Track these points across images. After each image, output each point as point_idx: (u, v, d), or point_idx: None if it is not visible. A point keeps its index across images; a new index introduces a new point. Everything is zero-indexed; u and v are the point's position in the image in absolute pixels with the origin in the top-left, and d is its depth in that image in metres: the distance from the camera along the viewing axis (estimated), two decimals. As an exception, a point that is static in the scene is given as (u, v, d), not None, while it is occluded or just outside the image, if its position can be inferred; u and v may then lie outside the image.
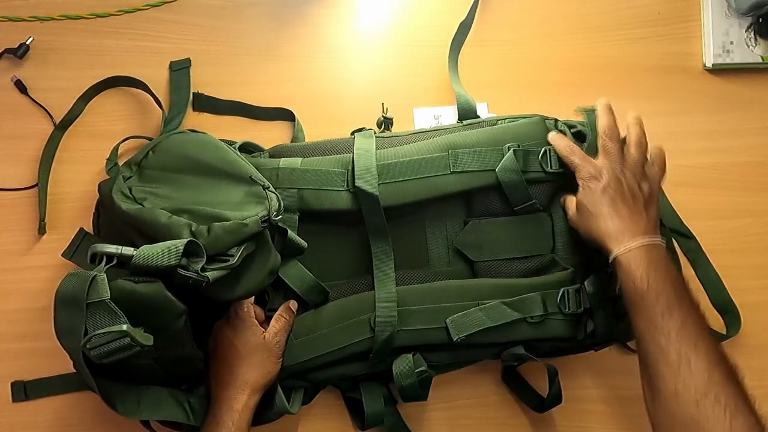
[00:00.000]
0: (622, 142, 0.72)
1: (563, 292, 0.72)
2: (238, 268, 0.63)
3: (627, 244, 0.66)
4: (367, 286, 0.74)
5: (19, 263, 0.78)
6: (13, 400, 0.76)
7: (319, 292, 0.73)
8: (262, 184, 0.67)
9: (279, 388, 0.71)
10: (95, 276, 0.56)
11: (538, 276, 0.74)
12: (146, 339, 0.57)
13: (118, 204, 0.66)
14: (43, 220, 0.77)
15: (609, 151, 0.71)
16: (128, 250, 0.59)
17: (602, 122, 0.72)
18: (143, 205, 0.66)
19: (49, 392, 0.77)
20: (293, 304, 0.72)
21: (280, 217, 0.66)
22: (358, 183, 0.70)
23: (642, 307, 0.63)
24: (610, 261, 0.67)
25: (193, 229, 0.62)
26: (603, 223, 0.68)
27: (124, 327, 0.55)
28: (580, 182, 0.71)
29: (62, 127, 0.79)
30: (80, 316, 0.56)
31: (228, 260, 0.62)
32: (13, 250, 0.78)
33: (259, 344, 0.69)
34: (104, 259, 0.59)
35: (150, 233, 0.64)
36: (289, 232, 0.69)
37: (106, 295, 0.56)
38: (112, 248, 0.59)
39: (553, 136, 0.73)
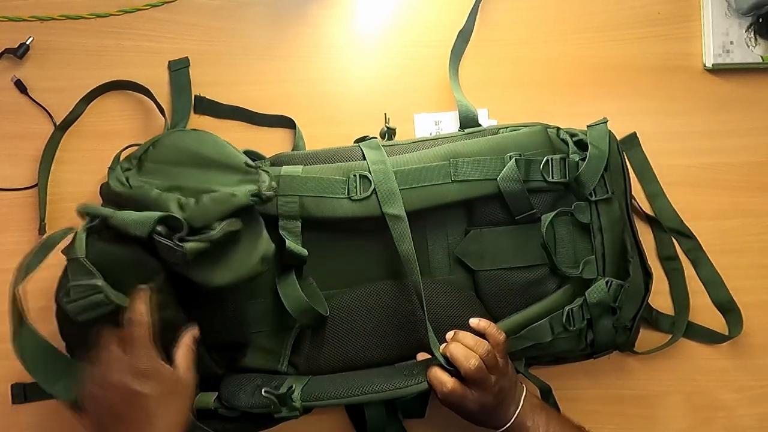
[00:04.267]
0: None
1: (568, 312, 0.72)
2: (225, 250, 0.63)
3: (503, 427, 0.68)
4: (368, 295, 0.74)
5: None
6: (13, 402, 0.76)
7: (313, 316, 0.71)
8: (255, 166, 0.68)
9: None
10: (76, 233, 0.59)
11: (539, 286, 0.74)
12: (121, 299, 0.58)
13: (113, 188, 0.66)
14: (43, 221, 0.77)
15: (478, 379, 0.66)
16: (109, 211, 0.61)
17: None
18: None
19: (49, 395, 0.76)
20: (196, 332, 0.65)
21: (271, 192, 0.66)
22: (386, 209, 0.70)
23: None
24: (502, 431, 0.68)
25: (181, 202, 0.62)
26: (484, 423, 0.69)
27: (99, 282, 0.57)
28: (456, 413, 0.68)
29: (62, 127, 0.79)
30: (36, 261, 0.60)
31: (208, 233, 0.61)
32: (13, 250, 0.78)
33: (176, 385, 0.59)
34: (87, 218, 0.61)
35: (140, 210, 0.64)
36: (288, 242, 0.69)
37: (81, 253, 0.58)
38: (94, 208, 0.62)
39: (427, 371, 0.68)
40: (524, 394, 0.69)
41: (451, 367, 0.66)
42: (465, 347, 0.66)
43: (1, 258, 0.78)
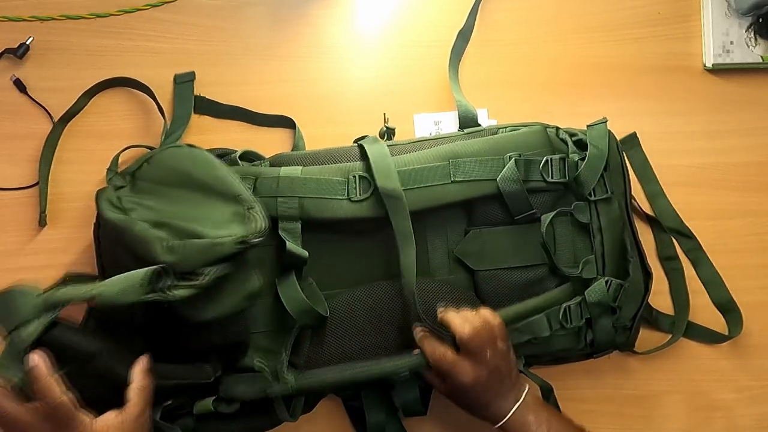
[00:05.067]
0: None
1: (565, 309, 0.72)
2: (211, 289, 0.62)
3: (504, 417, 0.66)
4: (367, 295, 0.74)
5: (18, 263, 0.78)
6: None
7: (313, 316, 0.71)
8: (247, 204, 0.66)
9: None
10: (31, 322, 0.56)
11: (539, 286, 0.74)
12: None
13: (104, 212, 0.66)
14: (44, 212, 0.77)
15: (475, 351, 0.66)
16: (88, 292, 0.57)
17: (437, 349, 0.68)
18: (129, 216, 0.65)
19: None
20: (147, 362, 0.62)
21: (260, 238, 0.64)
22: (381, 183, 0.70)
23: None
24: (502, 425, 0.66)
25: (166, 244, 0.62)
26: (483, 409, 0.67)
27: (16, 380, 0.55)
28: (452, 387, 0.67)
29: (64, 120, 0.79)
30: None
31: (197, 279, 0.61)
32: (13, 250, 0.78)
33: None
34: (53, 310, 0.57)
35: (128, 243, 0.64)
36: (288, 243, 0.69)
37: (27, 340, 0.55)
38: (69, 295, 0.58)
39: (417, 333, 0.69)
40: (527, 389, 0.68)
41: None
42: (462, 316, 0.67)
43: (1, 258, 0.78)
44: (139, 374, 0.61)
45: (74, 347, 0.58)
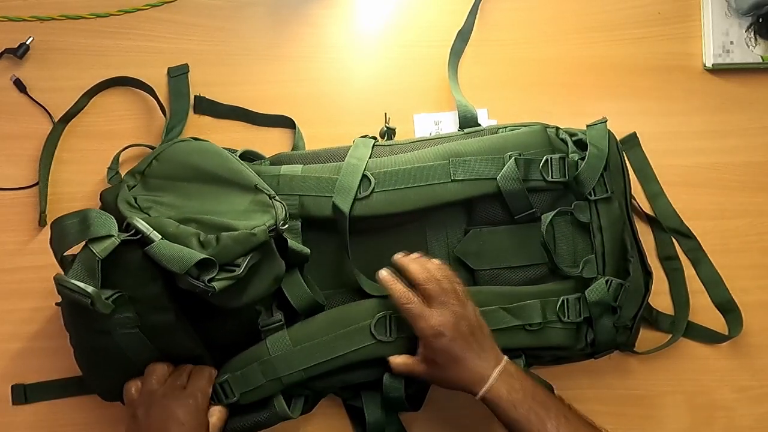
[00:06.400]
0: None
1: (563, 301, 0.72)
2: (244, 276, 0.63)
3: (488, 379, 0.65)
4: (366, 296, 0.73)
5: (18, 263, 0.78)
6: (13, 403, 0.76)
7: (315, 307, 0.72)
8: (267, 192, 0.67)
9: (278, 392, 0.70)
10: (112, 237, 0.60)
11: (538, 285, 0.74)
12: (106, 307, 0.59)
13: (124, 213, 0.65)
14: (44, 212, 0.77)
15: (434, 295, 0.67)
16: (156, 236, 0.61)
17: (398, 290, 0.68)
18: (149, 215, 0.65)
19: (49, 396, 0.77)
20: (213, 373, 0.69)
21: (287, 226, 0.66)
22: (334, 198, 0.70)
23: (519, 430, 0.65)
24: (478, 398, 0.66)
25: (201, 238, 0.62)
26: (464, 368, 0.66)
27: (90, 290, 0.58)
28: (423, 339, 0.66)
29: (64, 120, 0.79)
30: (74, 242, 0.61)
31: (234, 270, 0.62)
32: (12, 250, 0.78)
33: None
34: (131, 231, 0.61)
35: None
36: (289, 241, 0.69)
37: (102, 255, 0.59)
38: (143, 227, 0.61)
39: (384, 278, 0.69)
40: (506, 358, 0.67)
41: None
42: (418, 261, 0.69)
43: (1, 258, 0.78)
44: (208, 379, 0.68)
45: (139, 267, 0.61)
